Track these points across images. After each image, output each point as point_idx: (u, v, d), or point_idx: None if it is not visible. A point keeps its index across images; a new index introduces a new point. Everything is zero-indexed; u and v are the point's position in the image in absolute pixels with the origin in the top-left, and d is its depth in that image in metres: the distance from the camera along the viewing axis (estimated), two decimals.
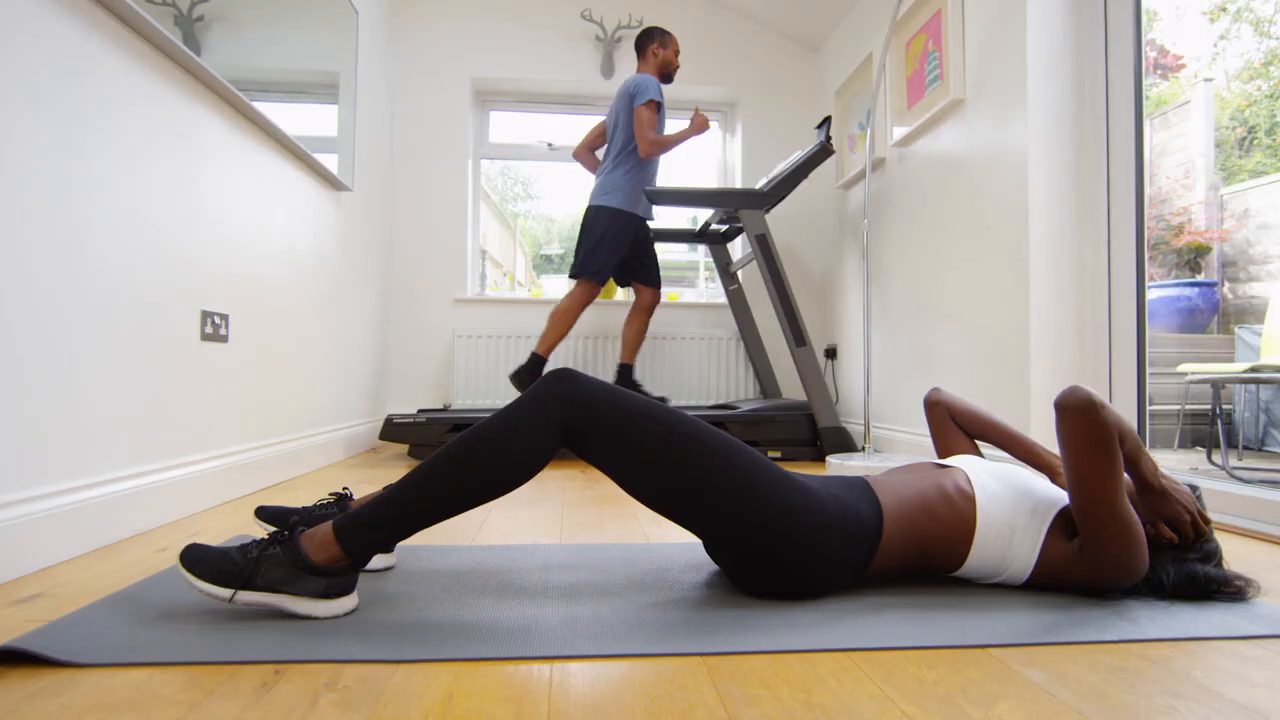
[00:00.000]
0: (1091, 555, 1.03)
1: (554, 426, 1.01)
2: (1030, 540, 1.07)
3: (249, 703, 0.73)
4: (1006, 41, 2.13)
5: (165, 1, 1.69)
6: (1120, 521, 1.00)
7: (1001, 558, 1.08)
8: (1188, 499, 1.09)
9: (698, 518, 1.04)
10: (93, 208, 1.33)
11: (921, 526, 1.08)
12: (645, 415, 1.03)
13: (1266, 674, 0.82)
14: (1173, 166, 4.65)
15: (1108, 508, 0.99)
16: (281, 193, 2.18)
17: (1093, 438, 0.98)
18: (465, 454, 0.99)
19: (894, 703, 0.75)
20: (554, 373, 1.04)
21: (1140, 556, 1.02)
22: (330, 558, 0.95)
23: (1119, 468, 0.99)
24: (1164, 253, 4.46)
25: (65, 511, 1.25)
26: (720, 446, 1.03)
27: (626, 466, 1.03)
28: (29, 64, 1.18)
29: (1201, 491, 1.16)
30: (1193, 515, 1.08)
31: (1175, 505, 1.07)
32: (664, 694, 0.76)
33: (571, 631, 0.93)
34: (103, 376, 1.37)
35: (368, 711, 0.72)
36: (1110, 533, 1.00)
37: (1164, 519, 1.08)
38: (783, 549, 1.02)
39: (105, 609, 0.97)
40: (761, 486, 1.02)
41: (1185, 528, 1.08)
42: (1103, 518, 1.00)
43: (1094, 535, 1.02)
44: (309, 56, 2.40)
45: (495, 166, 8.14)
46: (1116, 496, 0.99)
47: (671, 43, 3.02)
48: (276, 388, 2.17)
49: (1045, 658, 0.87)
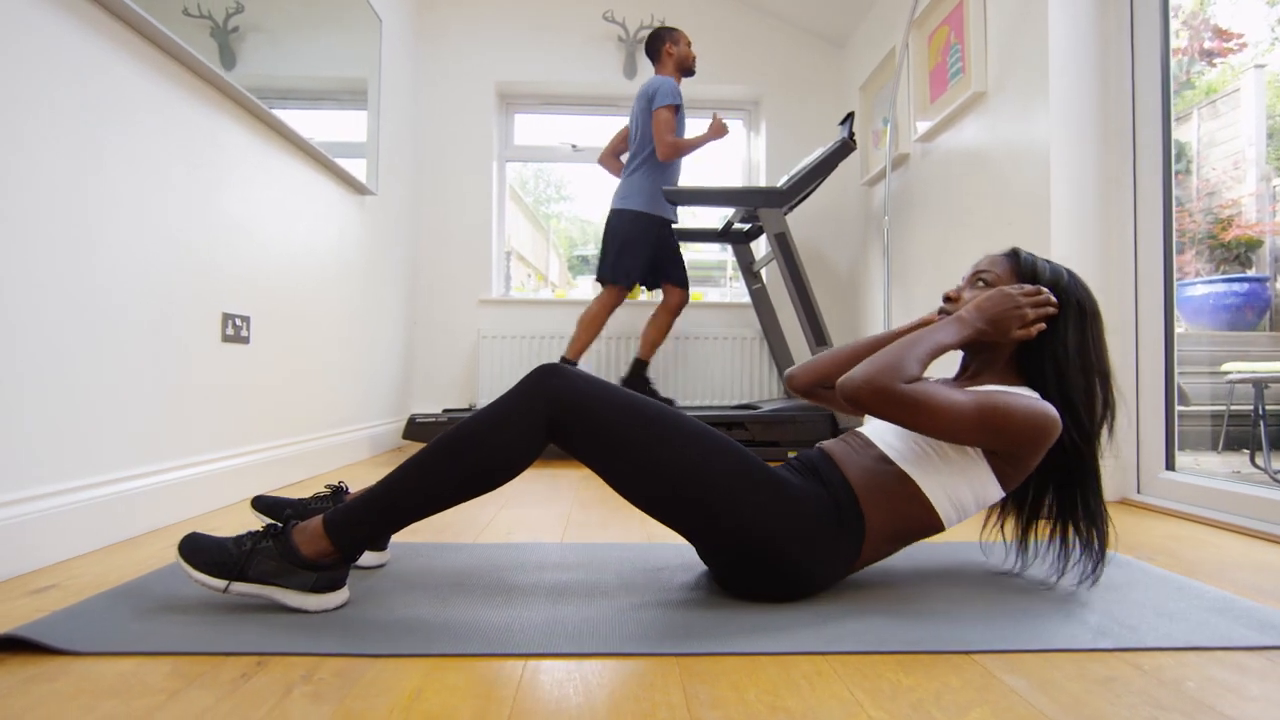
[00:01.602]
0: (1003, 451, 1.02)
1: (539, 421, 1.01)
2: (975, 471, 1.04)
3: (225, 693, 0.75)
4: (1028, 32, 2.07)
5: (202, 15, 1.76)
6: (982, 422, 0.98)
7: (963, 495, 1.05)
8: (1001, 296, 1.06)
9: (681, 518, 1.04)
10: (111, 214, 1.39)
11: (891, 504, 1.05)
12: (629, 412, 1.02)
13: (1265, 687, 0.79)
14: (1221, 157, 4.45)
15: (959, 427, 0.98)
16: (304, 197, 2.24)
17: (889, 404, 0.97)
18: (452, 448, 1.01)
19: (862, 708, 0.73)
20: (541, 368, 1.05)
21: (1027, 413, 0.98)
22: (320, 551, 0.97)
23: (933, 401, 0.97)
24: (1211, 247, 4.28)
25: (83, 507, 1.30)
26: (705, 446, 1.02)
27: (610, 464, 1.03)
28: (52, 77, 1.23)
29: (1017, 249, 1.16)
30: (1021, 301, 1.05)
31: (1000, 312, 1.05)
32: (630, 694, 0.76)
33: (551, 630, 0.93)
34: (122, 376, 1.42)
35: (336, 704, 0.73)
36: (990, 435, 0.99)
37: (1007, 331, 1.06)
38: (767, 553, 1.01)
39: (108, 600, 1.01)
40: (745, 490, 1.01)
41: (1026, 315, 1.05)
42: (970, 432, 0.98)
43: (987, 443, 1.01)
44: (336, 64, 2.46)
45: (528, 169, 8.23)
46: (950, 419, 0.97)
47: (681, 38, 3.00)
48: (299, 388, 2.23)
49: (1031, 664, 0.84)
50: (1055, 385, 1.07)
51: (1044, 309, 1.06)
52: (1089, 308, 1.10)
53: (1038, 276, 1.11)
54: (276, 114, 1.98)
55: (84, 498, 1.31)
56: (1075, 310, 1.09)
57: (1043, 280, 1.10)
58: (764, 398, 3.63)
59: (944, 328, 1.06)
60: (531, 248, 7.64)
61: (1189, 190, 4.11)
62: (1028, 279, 1.11)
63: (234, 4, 1.90)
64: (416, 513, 1.01)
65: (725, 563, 1.05)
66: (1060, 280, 1.11)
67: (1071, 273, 1.13)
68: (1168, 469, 1.85)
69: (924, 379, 1.02)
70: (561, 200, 8.39)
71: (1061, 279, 1.11)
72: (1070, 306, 1.09)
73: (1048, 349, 1.08)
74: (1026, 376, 1.11)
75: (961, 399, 0.98)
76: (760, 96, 3.77)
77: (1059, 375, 1.07)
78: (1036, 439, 1.00)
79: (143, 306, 1.48)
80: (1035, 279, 1.11)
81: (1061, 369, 1.07)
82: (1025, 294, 1.06)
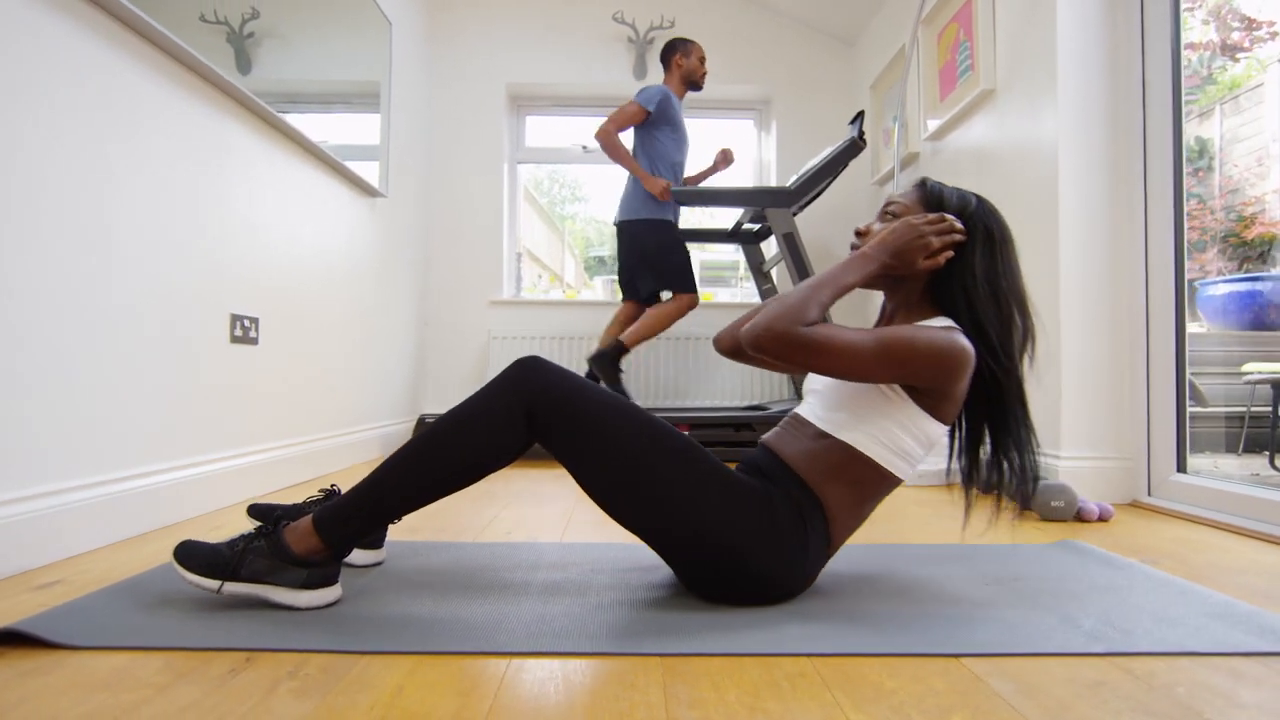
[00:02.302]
0: (921, 386, 1.00)
1: (519, 411, 1.01)
2: (904, 413, 1.02)
3: (212, 687, 0.77)
4: (1037, 28, 2.04)
5: (218, 20, 1.80)
6: (886, 356, 0.96)
7: (902, 440, 1.03)
8: (904, 227, 1.04)
9: (646, 524, 1.02)
10: (120, 217, 1.42)
11: (840, 477, 1.04)
12: (607, 411, 1.01)
13: (1259, 694, 0.77)
14: (1244, 154, 4.37)
15: (863, 364, 0.96)
16: (312, 200, 2.27)
17: (789, 348, 0.96)
18: (434, 440, 1.01)
19: (842, 710, 0.73)
20: (521, 360, 1.05)
21: (930, 342, 0.96)
22: (310, 549, 0.99)
23: (834, 341, 0.95)
24: (1233, 245, 4.20)
25: (90, 504, 1.33)
26: (678, 454, 1.00)
27: (580, 461, 1.02)
28: (62, 81, 1.26)
29: (925, 178, 1.13)
30: (925, 230, 1.03)
31: (903, 243, 1.03)
32: (610, 694, 0.76)
33: (539, 629, 0.94)
34: (130, 375, 1.45)
35: (319, 700, 0.74)
36: (896, 368, 0.97)
37: (912, 263, 1.03)
38: (737, 565, 1.00)
39: (108, 596, 1.03)
40: (717, 502, 0.99)
41: (931, 244, 1.03)
42: (875, 368, 0.97)
43: (898, 378, 0.99)
44: (348, 68, 2.49)
45: (543, 170, 8.27)
46: (851, 356, 0.95)
47: (694, 50, 2.99)
48: (309, 388, 2.26)
49: (1020, 668, 0.83)
50: (967, 314, 1.04)
51: (949, 236, 1.04)
52: (998, 233, 1.07)
53: (944, 204, 1.08)
54: (287, 118, 2.01)
55: (91, 495, 1.34)
56: (983, 236, 1.06)
57: (949, 208, 1.08)
58: (773, 398, 3.61)
59: (848, 266, 1.04)
60: (547, 249, 7.68)
61: (1211, 187, 4.03)
62: (934, 208, 1.08)
63: (250, 10, 1.94)
64: (403, 507, 1.01)
65: (699, 578, 1.04)
66: (968, 207, 1.08)
67: (981, 198, 1.10)
68: (1179, 471, 1.82)
69: (828, 320, 1.00)
70: (577, 201, 8.40)
71: (969, 205, 1.08)
72: (978, 233, 1.06)
73: (956, 278, 1.05)
74: (941, 309, 1.08)
75: (862, 337, 0.97)
76: (771, 96, 3.75)
77: (969, 303, 1.04)
78: (945, 367, 0.97)
79: (151, 308, 1.51)
80: (941, 207, 1.08)
81: (971, 297, 1.04)
82: (929, 223, 1.04)
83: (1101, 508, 1.69)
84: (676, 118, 2.94)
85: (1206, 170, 3.93)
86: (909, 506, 1.88)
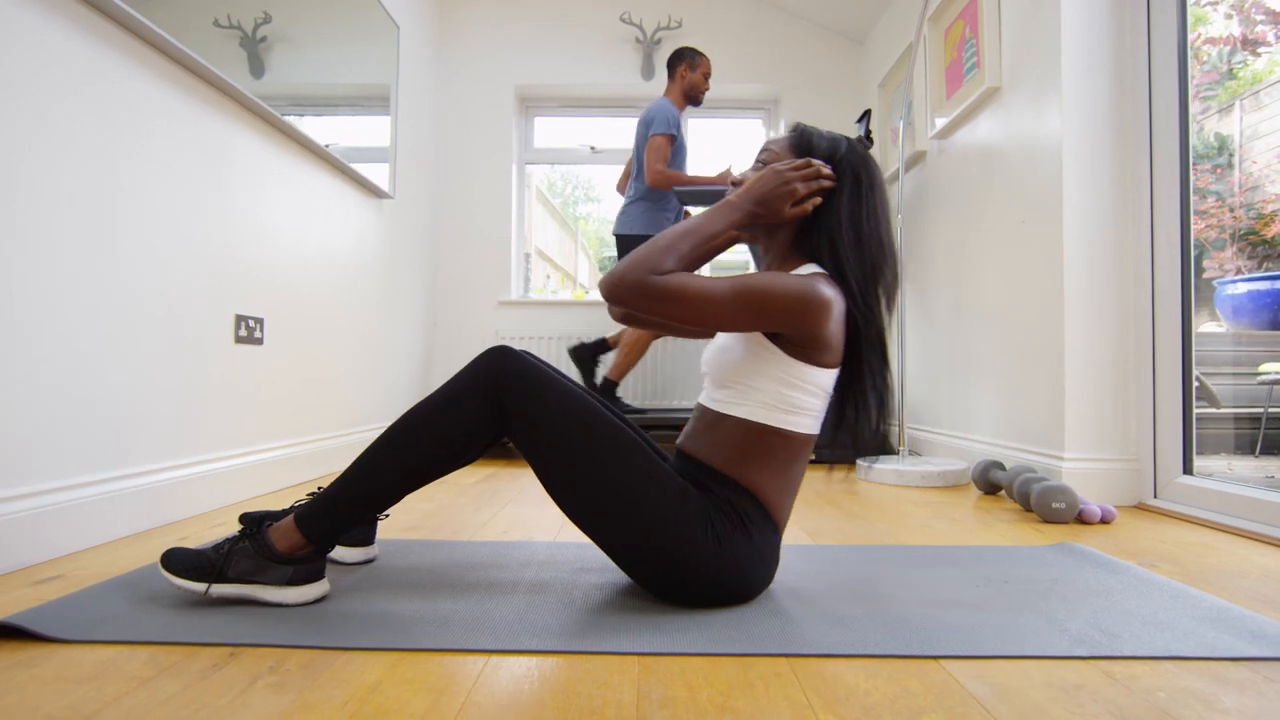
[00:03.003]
0: (786, 333, 0.99)
1: (488, 397, 1.01)
2: (780, 367, 1.01)
3: (194, 681, 0.78)
4: (1042, 24, 2.02)
5: (232, 25, 1.83)
6: (742, 303, 0.95)
7: (790, 396, 1.02)
8: (770, 174, 1.03)
9: (598, 527, 1.02)
10: (127, 220, 1.44)
11: (753, 455, 1.03)
12: (572, 406, 1.01)
13: (1242, 700, 0.76)
14: (1264, 150, 4.28)
15: (720, 311, 0.95)
16: (319, 202, 2.29)
17: (643, 298, 0.95)
18: (407, 430, 1.02)
19: (812, 711, 0.73)
20: (494, 347, 1.05)
21: (786, 287, 0.95)
22: (294, 545, 1.00)
23: (688, 289, 0.95)
24: (1253, 243, 4.12)
25: (94, 500, 1.36)
26: (636, 464, 0.99)
27: (538, 453, 1.01)
28: (71, 90, 1.29)
29: (799, 123, 1.12)
30: (790, 176, 1.02)
31: (768, 191, 1.02)
32: (584, 691, 0.77)
33: (522, 626, 0.94)
34: (134, 375, 1.48)
35: (297, 694, 0.75)
36: (754, 315, 0.96)
37: (779, 211, 1.02)
38: (683, 576, 1.00)
39: (103, 591, 1.05)
40: (669, 518, 0.98)
41: (796, 190, 1.02)
42: (732, 315, 0.96)
43: (758, 325, 0.97)
44: (357, 71, 2.52)
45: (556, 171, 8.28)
46: (705, 302, 0.95)
47: (701, 64, 2.97)
48: (315, 387, 2.28)
49: (1000, 671, 0.83)
50: (830, 260, 1.03)
51: (816, 183, 1.03)
52: (865, 178, 1.05)
53: (813, 150, 1.07)
54: (300, 121, 2.05)
55: (93, 492, 1.36)
56: (851, 181, 1.05)
57: (818, 153, 1.06)
58: None
59: (712, 214, 1.03)
60: (559, 249, 7.70)
61: (1230, 184, 3.96)
62: (804, 154, 1.07)
63: (262, 14, 1.97)
64: (381, 497, 1.02)
65: (644, 572, 1.03)
66: (837, 151, 1.06)
67: (852, 142, 1.08)
68: (1185, 473, 1.79)
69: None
70: (590, 201, 8.42)
71: (839, 150, 1.07)
72: (846, 178, 1.05)
73: (823, 224, 1.04)
74: (809, 257, 1.07)
75: (718, 284, 0.96)
76: (779, 95, 3.74)
77: (833, 249, 1.03)
78: (800, 312, 0.96)
79: (156, 309, 1.54)
80: (811, 153, 1.07)
81: (835, 242, 1.03)
82: (794, 169, 1.03)
83: (1104, 510, 1.66)
84: (680, 131, 2.94)
85: (1226, 167, 3.87)
86: (907, 507, 1.87)
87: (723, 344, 1.09)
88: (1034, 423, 2.06)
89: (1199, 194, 3.27)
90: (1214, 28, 3.55)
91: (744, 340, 1.04)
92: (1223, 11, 3.67)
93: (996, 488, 2.04)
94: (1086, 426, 1.90)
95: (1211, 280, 3.34)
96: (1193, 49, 3.15)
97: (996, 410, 2.29)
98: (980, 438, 2.39)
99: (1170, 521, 1.70)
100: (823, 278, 0.99)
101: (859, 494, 2.10)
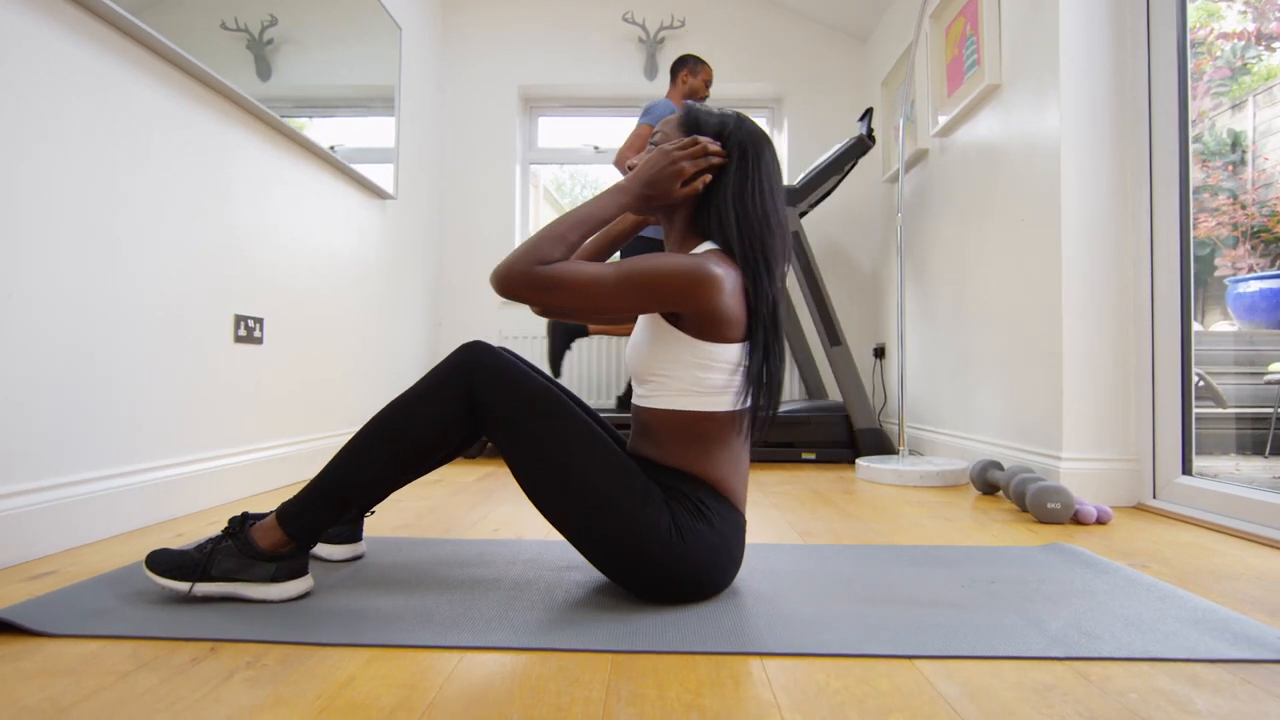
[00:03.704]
0: (684, 313, 0.99)
1: (461, 392, 1.02)
2: (689, 350, 1.01)
3: (171, 675, 0.79)
4: (1041, 21, 2.00)
5: (239, 28, 1.86)
6: (628, 285, 0.96)
7: (704, 376, 1.02)
8: (657, 154, 1.04)
9: (565, 521, 1.02)
10: (125, 224, 1.47)
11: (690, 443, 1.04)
12: (539, 401, 1.01)
13: (1215, 701, 0.76)
14: (1277, 146, 4.22)
15: (608, 296, 0.96)
16: (320, 204, 2.32)
17: (530, 289, 0.96)
18: (382, 427, 1.03)
19: (778, 710, 0.73)
20: (468, 342, 1.05)
21: (671, 266, 0.96)
22: (276, 542, 1.01)
23: (572, 277, 0.96)
24: (1266, 241, 4.06)
25: (91, 498, 1.38)
26: (601, 459, 1.00)
27: (509, 448, 1.02)
28: (72, 95, 1.31)
29: (689, 104, 1.12)
30: (677, 155, 1.02)
31: (656, 173, 1.03)
32: (553, 688, 0.77)
33: (501, 623, 0.95)
34: (130, 374, 1.50)
35: (269, 689, 0.76)
36: (643, 296, 0.97)
37: (670, 192, 1.03)
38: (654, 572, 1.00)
39: (94, 586, 1.07)
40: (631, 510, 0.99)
41: (684, 169, 1.03)
42: (621, 297, 0.96)
43: (650, 306, 0.98)
44: (361, 72, 2.55)
45: (565, 171, 8.29)
46: (591, 289, 0.96)
47: (703, 72, 2.99)
48: (317, 386, 2.31)
49: (974, 672, 0.82)
50: (720, 236, 1.04)
51: (704, 160, 1.03)
52: (752, 150, 1.05)
53: (700, 128, 1.07)
54: (300, 122, 2.07)
55: (90, 489, 1.39)
56: (738, 156, 1.05)
57: (706, 131, 1.06)
58: (785, 398, 3.59)
59: (602, 199, 1.04)
60: None
61: (1243, 181, 3.91)
62: (692, 133, 1.07)
63: (268, 17, 1.99)
64: (359, 494, 1.03)
65: (613, 567, 1.03)
66: (725, 128, 1.06)
67: (741, 117, 1.08)
68: (1184, 474, 1.77)
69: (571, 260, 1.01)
70: None
71: (727, 126, 1.07)
72: (734, 154, 1.05)
73: (713, 201, 1.05)
74: (703, 235, 1.07)
75: (605, 269, 0.97)
76: (783, 94, 3.73)
77: (720, 225, 1.03)
78: (689, 287, 0.96)
79: (155, 309, 1.56)
80: (699, 131, 1.07)
81: (723, 219, 1.03)
82: (681, 148, 1.03)
83: (1100, 510, 1.65)
84: None
85: (1239, 164, 3.82)
86: (903, 507, 1.86)
87: (635, 340, 1.11)
88: (1033, 422, 2.04)
89: (1210, 191, 3.23)
90: (1227, 22, 3.50)
91: (651, 331, 1.06)
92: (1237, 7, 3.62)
93: (994, 488, 2.03)
94: (1085, 426, 1.89)
95: (1223, 279, 3.30)
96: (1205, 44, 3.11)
97: (997, 409, 2.27)
98: (981, 437, 2.38)
99: (1168, 522, 1.68)
100: (714, 254, 1.01)
101: (856, 494, 2.09)
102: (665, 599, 1.03)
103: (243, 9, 1.85)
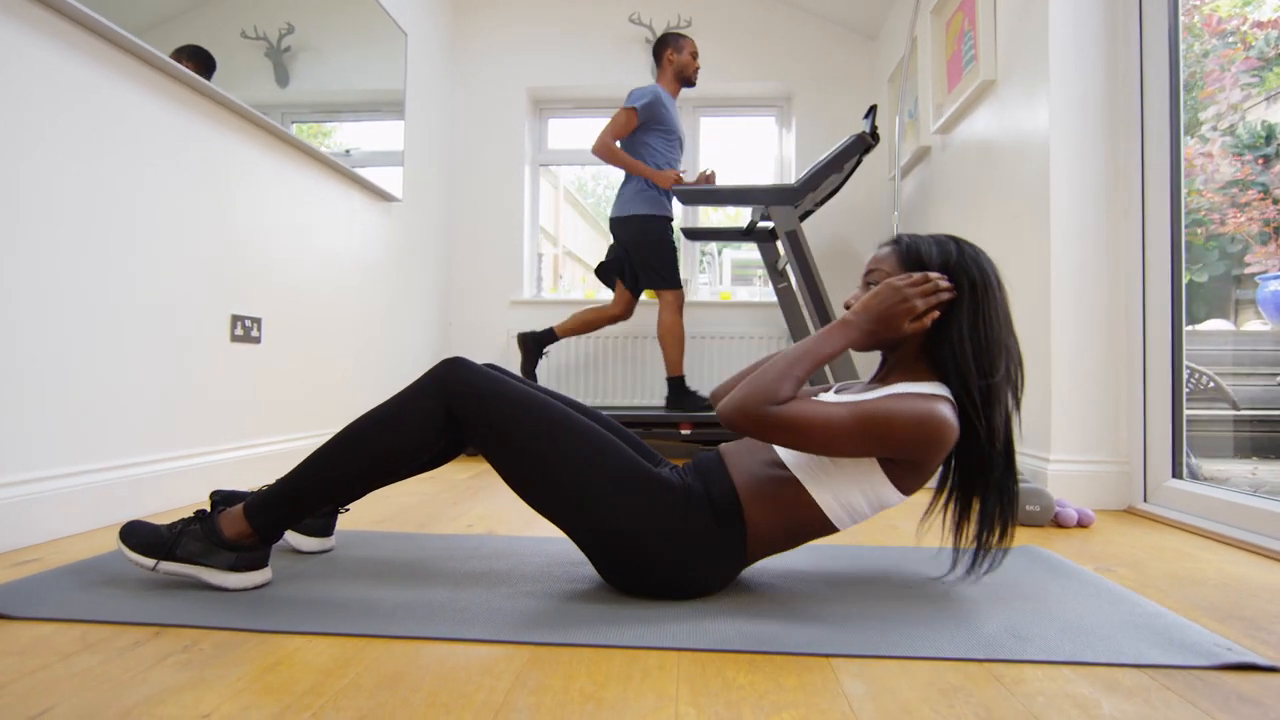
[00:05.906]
0: (898, 458, 0.99)
1: (439, 409, 1.05)
2: (867, 471, 1.01)
3: (111, 657, 0.84)
4: (1033, 16, 1.97)
5: (258, 36, 1.93)
6: (863, 434, 0.95)
7: (855, 500, 1.03)
8: (887, 291, 1.02)
9: (559, 513, 1.06)
10: (131, 226, 1.53)
11: (776, 506, 1.04)
12: (522, 407, 1.05)
13: (1124, 706, 0.75)
14: None
15: (841, 442, 0.96)
16: (323, 207, 2.38)
17: (763, 430, 0.96)
18: (356, 434, 1.07)
19: (675, 702, 0.74)
20: (446, 360, 1.09)
21: (910, 417, 0.95)
22: (240, 533, 1.06)
23: (808, 422, 0.95)
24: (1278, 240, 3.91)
25: (80, 489, 1.45)
26: (586, 444, 1.04)
27: (497, 456, 1.06)
28: (70, 103, 1.38)
29: (900, 235, 1.11)
30: (908, 292, 1.01)
31: (886, 309, 1.01)
32: (462, 678, 0.80)
33: (440, 615, 0.98)
34: (125, 371, 1.57)
35: (196, 672, 0.80)
36: (875, 444, 0.96)
37: (898, 328, 1.01)
38: (635, 549, 1.02)
39: (64, 573, 1.12)
40: (616, 488, 1.02)
41: (915, 306, 1.01)
42: (852, 444, 0.96)
43: (876, 452, 0.98)
44: (370, 77, 2.62)
45: (587, 172, 8.32)
46: (828, 436, 0.95)
47: (686, 45, 2.98)
48: (316, 386, 2.37)
49: (885, 671, 0.83)
50: (956, 376, 1.01)
51: (935, 296, 1.01)
52: (980, 280, 1.03)
53: (924, 262, 1.05)
54: (317, 127, 2.14)
55: (79, 481, 1.45)
56: (968, 290, 1.03)
57: (930, 265, 1.05)
58: None
59: (829, 335, 1.03)
60: (590, 249, 7.75)
61: (1275, 175, 3.78)
62: (914, 267, 1.06)
63: (285, 25, 2.06)
64: (323, 498, 1.07)
65: (604, 561, 1.06)
66: (949, 259, 1.04)
67: (961, 247, 1.06)
68: (1174, 477, 1.72)
69: (800, 396, 1.01)
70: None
71: (950, 257, 1.04)
72: (964, 286, 1.03)
73: (945, 337, 1.03)
74: (934, 369, 1.05)
75: (838, 414, 0.95)
76: (791, 92, 3.71)
77: (957, 365, 1.01)
78: (925, 443, 0.96)
79: (149, 308, 1.63)
80: (922, 264, 1.05)
81: (960, 358, 1.01)
82: (911, 284, 1.02)
83: (1081, 513, 1.62)
84: (667, 117, 2.94)
85: (1273, 157, 3.69)
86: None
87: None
88: (1022, 423, 2.00)
89: (1239, 186, 3.12)
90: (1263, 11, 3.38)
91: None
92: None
93: None
94: (1074, 428, 1.85)
95: (1254, 276, 3.19)
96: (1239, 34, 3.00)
97: None
98: None
99: (1153, 526, 1.64)
100: (948, 404, 0.98)
101: None
102: (640, 585, 1.06)
103: (261, 17, 1.92)
